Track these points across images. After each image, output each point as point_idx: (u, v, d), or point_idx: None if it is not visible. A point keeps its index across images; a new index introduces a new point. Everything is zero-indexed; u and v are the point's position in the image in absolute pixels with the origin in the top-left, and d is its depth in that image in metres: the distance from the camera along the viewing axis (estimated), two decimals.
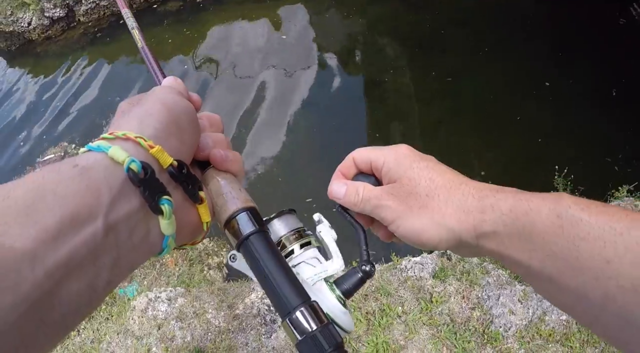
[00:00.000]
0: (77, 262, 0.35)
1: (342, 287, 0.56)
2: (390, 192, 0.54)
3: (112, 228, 0.38)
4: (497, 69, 5.53)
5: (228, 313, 3.02)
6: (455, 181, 0.52)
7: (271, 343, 2.81)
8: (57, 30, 8.02)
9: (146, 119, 0.46)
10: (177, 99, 0.51)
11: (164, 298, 3.16)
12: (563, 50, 5.45)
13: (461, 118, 5.17)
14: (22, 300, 0.32)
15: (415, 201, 0.52)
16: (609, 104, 4.86)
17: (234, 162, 0.54)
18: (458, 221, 0.50)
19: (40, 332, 0.34)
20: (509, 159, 4.65)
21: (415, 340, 2.69)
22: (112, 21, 8.04)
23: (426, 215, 0.51)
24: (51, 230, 0.34)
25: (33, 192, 0.35)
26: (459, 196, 0.51)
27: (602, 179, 3.85)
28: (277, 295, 0.46)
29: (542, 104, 5.01)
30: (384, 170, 0.56)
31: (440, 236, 0.51)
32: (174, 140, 0.46)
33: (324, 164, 5.00)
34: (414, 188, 0.53)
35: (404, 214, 0.53)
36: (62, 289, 0.35)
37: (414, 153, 0.57)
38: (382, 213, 0.55)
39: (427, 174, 0.53)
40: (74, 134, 6.03)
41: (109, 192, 0.39)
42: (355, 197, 0.57)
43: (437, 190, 0.52)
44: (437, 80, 5.63)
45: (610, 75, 5.04)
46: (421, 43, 6.16)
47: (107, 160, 0.40)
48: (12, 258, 0.32)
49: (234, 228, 0.49)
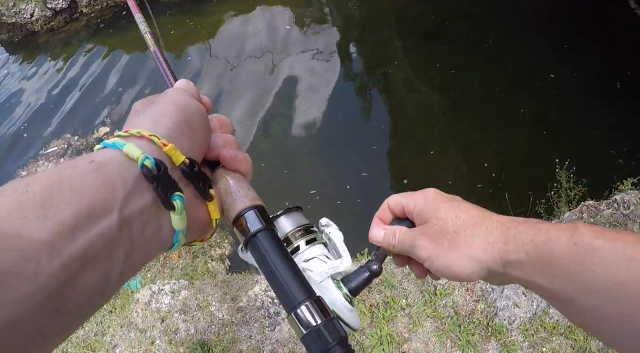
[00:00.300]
0: (92, 255, 0.37)
1: (349, 285, 0.59)
2: (422, 232, 0.60)
3: (126, 223, 0.40)
4: (501, 61, 5.50)
5: (231, 306, 3.02)
6: (480, 217, 0.58)
7: (275, 336, 2.81)
8: (60, 21, 7.99)
9: (160, 118, 0.48)
10: (190, 101, 0.52)
11: (168, 290, 3.16)
12: (567, 43, 5.41)
13: (464, 110, 5.15)
14: (39, 290, 0.33)
15: (445, 238, 0.58)
16: (613, 96, 4.83)
17: (242, 162, 0.55)
18: (484, 252, 0.55)
19: (55, 321, 0.35)
20: (512, 151, 4.63)
21: (419, 333, 2.69)
22: (115, 12, 8.00)
23: (456, 250, 0.56)
24: (68, 223, 0.36)
25: (50, 186, 0.37)
26: (483, 230, 0.56)
27: (606, 172, 3.83)
28: (283, 290, 0.47)
29: (546, 97, 4.98)
30: (415, 213, 0.62)
31: (471, 268, 0.56)
32: (185, 140, 0.48)
33: (327, 156, 5.00)
34: (443, 227, 0.58)
35: (436, 251, 0.58)
36: (77, 280, 0.36)
37: (441, 195, 0.63)
38: (417, 252, 0.60)
39: (454, 213, 0.59)
40: (77, 125, 6.02)
41: (123, 187, 0.40)
42: (392, 239, 0.63)
43: (463, 227, 0.57)
44: (441, 72, 5.60)
45: (615, 68, 5.00)
46: (425, 35, 6.13)
47: (122, 157, 0.42)
48: (31, 249, 0.33)
49: (242, 225, 0.50)
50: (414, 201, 0.63)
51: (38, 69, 7.45)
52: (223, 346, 2.81)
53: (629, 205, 2.88)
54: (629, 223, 2.82)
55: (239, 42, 6.81)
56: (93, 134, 5.76)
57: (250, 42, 6.73)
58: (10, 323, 0.32)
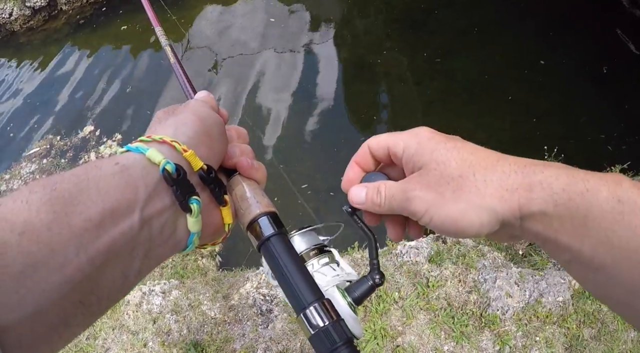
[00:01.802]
0: (115, 251, 0.39)
1: (352, 294, 0.59)
2: (416, 181, 0.49)
3: (146, 223, 0.42)
4: (489, 49, 5.48)
5: (223, 304, 3.00)
6: (492, 157, 0.48)
7: (268, 334, 2.79)
8: (39, 20, 7.84)
9: (181, 127, 0.50)
10: (210, 113, 0.55)
11: (158, 291, 3.13)
12: (553, 30, 5.41)
13: (452, 98, 5.13)
14: (66, 282, 0.36)
15: (447, 185, 0.47)
16: (600, 82, 4.83)
17: (258, 171, 0.58)
18: (500, 200, 0.44)
19: (79, 312, 0.38)
20: (500, 138, 4.62)
21: (413, 326, 2.68)
22: (95, 8, 7.87)
23: (462, 198, 0.46)
24: (95, 220, 0.38)
25: (78, 185, 0.39)
26: (499, 174, 0.45)
27: (595, 158, 3.84)
28: (293, 291, 0.50)
29: (533, 83, 4.97)
30: (405, 157, 0.51)
31: (481, 220, 0.45)
32: (204, 148, 0.50)
33: (317, 150, 4.97)
34: (444, 172, 0.47)
35: (436, 202, 0.47)
36: (100, 274, 0.39)
37: (438, 134, 0.51)
38: (411, 206, 0.49)
39: (457, 154, 0.48)
40: (59, 125, 5.92)
41: (145, 189, 0.43)
42: (378, 198, 0.52)
43: (471, 169, 0.46)
44: (428, 61, 5.58)
45: (601, 53, 5.01)
46: (412, 24, 6.09)
47: (145, 161, 0.45)
48: (60, 243, 0.36)
49: (256, 230, 0.53)
50: (404, 142, 0.52)
51: (19, 69, 7.31)
52: (216, 346, 2.79)
53: None
54: None
55: (221, 35, 6.72)
56: (77, 133, 5.67)
57: (233, 35, 6.65)
58: (37, 312, 0.34)
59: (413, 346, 2.60)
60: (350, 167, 0.57)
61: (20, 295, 0.34)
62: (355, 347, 0.46)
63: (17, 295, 0.33)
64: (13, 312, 0.33)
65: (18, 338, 0.34)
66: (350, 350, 0.45)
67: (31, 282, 0.34)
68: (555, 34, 5.37)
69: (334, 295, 0.58)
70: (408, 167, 0.51)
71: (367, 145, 0.56)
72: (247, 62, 6.15)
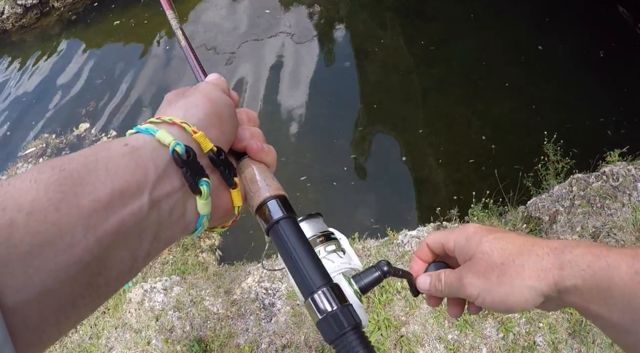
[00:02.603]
0: (123, 232, 0.39)
1: (359, 283, 0.59)
2: (468, 270, 0.58)
3: (155, 204, 0.42)
4: (485, 35, 5.46)
5: (226, 300, 2.99)
6: (527, 244, 0.55)
7: (271, 328, 2.79)
8: (32, 18, 7.77)
9: (191, 109, 0.50)
10: (221, 95, 0.55)
11: (160, 288, 3.12)
12: (549, 15, 5.37)
13: (450, 86, 5.11)
14: (74, 262, 0.35)
15: (493, 272, 0.56)
16: (596, 66, 4.81)
17: (268, 153, 0.57)
18: (537, 280, 0.52)
19: (86, 294, 0.37)
20: (498, 125, 4.61)
21: (417, 315, 2.68)
22: (86, 4, 7.80)
23: (506, 282, 0.54)
24: (103, 200, 0.38)
25: (87, 166, 0.39)
26: (533, 257, 0.54)
27: (594, 143, 3.82)
28: (301, 275, 0.49)
29: (531, 69, 4.95)
30: (457, 250, 0.61)
31: (524, 297, 0.53)
32: (214, 130, 0.50)
33: (315, 142, 4.95)
34: (489, 260, 0.56)
35: (486, 287, 0.56)
36: (109, 256, 0.38)
37: (482, 228, 0.60)
38: (466, 291, 0.58)
39: (498, 245, 0.57)
40: (55, 124, 5.88)
41: (154, 170, 0.42)
42: (439, 285, 0.62)
43: (511, 257, 0.55)
44: (425, 49, 5.55)
45: (597, 37, 4.98)
46: (408, 12, 6.05)
47: (155, 142, 0.44)
48: (68, 223, 0.35)
49: (265, 213, 0.52)
50: (454, 238, 0.61)
51: (12, 68, 7.26)
52: (220, 341, 2.79)
53: (617, 177, 2.87)
54: (619, 195, 2.82)
55: (216, 27, 6.67)
56: (72, 131, 5.64)
57: (228, 26, 6.60)
58: (44, 292, 0.34)
59: (417, 335, 2.60)
60: (413, 261, 0.68)
61: (28, 275, 0.33)
62: (363, 333, 0.46)
63: (24, 275, 0.33)
64: (20, 292, 0.33)
65: (24, 319, 0.34)
66: (358, 335, 0.45)
67: (38, 262, 0.34)
68: (551, 19, 5.34)
69: (340, 282, 0.58)
70: (460, 258, 0.61)
71: (425, 243, 0.66)
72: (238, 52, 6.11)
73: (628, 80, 4.50)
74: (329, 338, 0.46)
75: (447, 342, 2.56)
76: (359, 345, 0.45)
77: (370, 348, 0.45)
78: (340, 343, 0.45)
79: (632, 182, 2.85)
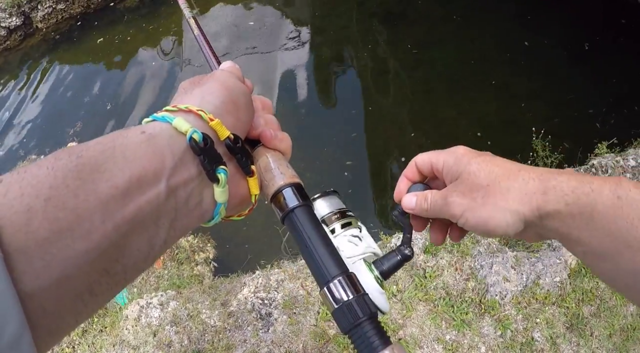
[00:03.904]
0: (141, 219, 0.39)
1: (380, 267, 0.59)
2: (454, 189, 0.58)
3: (172, 192, 0.42)
4: (469, 35, 5.49)
5: (222, 312, 2.98)
6: (514, 169, 0.56)
7: (269, 337, 2.77)
8: (16, 39, 7.74)
9: (207, 96, 0.50)
10: (236, 82, 0.54)
11: (156, 303, 3.10)
12: (532, 12, 5.42)
13: (436, 87, 5.14)
14: (92, 249, 0.35)
15: (478, 192, 0.56)
16: (582, 59, 4.85)
17: (282, 141, 0.57)
18: (521, 203, 0.53)
19: (103, 281, 0.37)
20: (487, 123, 4.63)
21: (414, 317, 2.68)
22: (71, 24, 7.79)
23: (490, 203, 0.54)
24: (121, 188, 0.38)
25: (104, 153, 0.39)
26: (519, 181, 0.54)
27: (584, 136, 3.86)
28: (317, 264, 0.49)
29: (516, 66, 4.99)
30: (445, 170, 0.61)
31: (506, 220, 0.53)
32: (230, 118, 0.50)
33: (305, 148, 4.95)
34: (476, 181, 0.56)
35: (469, 206, 0.56)
36: (126, 243, 0.38)
37: (471, 151, 0.61)
38: (450, 210, 0.58)
39: (486, 167, 0.57)
40: (43, 144, 5.86)
41: (172, 158, 0.42)
42: (425, 203, 0.61)
43: (497, 179, 0.55)
44: (408, 52, 5.57)
45: (580, 31, 5.03)
46: (389, 16, 6.08)
47: (172, 130, 0.44)
48: (86, 210, 0.35)
49: (280, 202, 0.52)
50: (443, 158, 0.61)
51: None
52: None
53: (606, 169, 2.90)
54: None
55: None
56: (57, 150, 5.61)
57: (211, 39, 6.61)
58: (62, 279, 0.34)
59: (415, 338, 2.59)
60: (400, 180, 0.66)
61: (46, 261, 0.33)
62: (379, 323, 0.45)
63: (42, 261, 0.33)
64: (38, 279, 0.33)
65: (43, 305, 0.34)
66: (373, 325, 0.45)
67: (56, 249, 0.34)
68: (534, 16, 5.39)
69: (360, 269, 0.58)
70: (447, 178, 0.61)
71: (414, 161, 0.65)
72: None
73: (615, 70, 4.54)
74: (344, 328, 0.46)
75: (446, 343, 2.56)
76: (375, 335, 0.44)
77: (385, 338, 0.44)
78: (355, 333, 0.45)
79: (621, 173, 2.88)
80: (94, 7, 7.77)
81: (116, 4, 7.76)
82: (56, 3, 7.61)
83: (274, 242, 3.88)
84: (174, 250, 3.90)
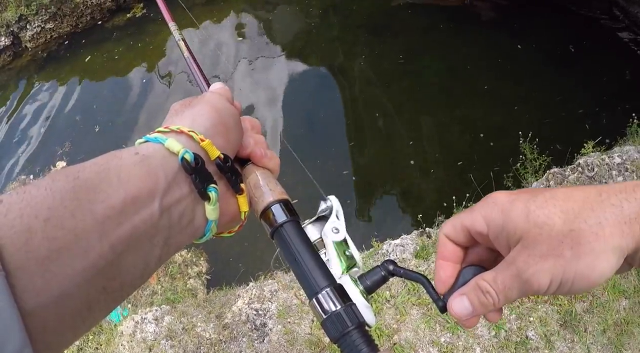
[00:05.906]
0: (136, 238, 0.40)
1: (365, 283, 0.58)
2: (525, 257, 0.43)
3: (166, 211, 0.43)
4: (454, 43, 5.55)
5: (217, 324, 2.97)
6: (591, 194, 0.43)
7: (264, 348, 2.77)
8: (5, 59, 7.76)
9: (198, 118, 0.51)
10: (225, 104, 0.56)
11: (151, 318, 3.09)
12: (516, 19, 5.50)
13: (423, 96, 5.19)
14: (89, 267, 0.36)
15: (562, 245, 0.41)
16: (568, 61, 4.92)
17: (271, 159, 0.58)
18: (622, 235, 0.40)
19: (101, 298, 0.39)
20: (477, 129, 4.67)
21: (407, 322, 2.68)
22: (59, 43, 7.81)
23: (585, 251, 0.41)
24: (116, 208, 0.39)
25: (99, 174, 0.40)
26: (610, 208, 0.41)
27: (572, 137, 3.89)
28: (305, 277, 0.50)
29: (503, 72, 5.05)
30: (492, 232, 0.46)
31: (610, 264, 0.41)
32: (220, 139, 0.51)
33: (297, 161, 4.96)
34: (552, 233, 0.42)
35: (559, 267, 0.42)
36: (122, 261, 0.39)
37: (515, 194, 0.46)
38: (534, 285, 0.43)
39: (555, 208, 0.43)
40: (33, 164, 5.85)
41: (165, 178, 0.44)
42: (487, 298, 0.46)
43: (580, 217, 0.42)
44: (395, 63, 5.63)
45: (565, 34, 5.11)
46: (374, 28, 6.14)
47: (164, 150, 0.45)
48: (84, 229, 0.37)
49: (269, 217, 0.54)
50: (483, 217, 0.46)
51: None
52: None
53: (592, 167, 2.93)
54: (595, 184, 2.87)
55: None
56: (50, 170, 5.60)
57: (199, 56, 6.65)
58: (62, 296, 0.35)
59: (410, 342, 2.60)
60: (439, 267, 0.51)
61: (46, 279, 0.34)
62: (367, 331, 0.46)
63: (42, 279, 0.34)
64: (39, 296, 0.34)
65: (43, 322, 0.34)
66: (361, 333, 0.46)
67: (56, 267, 0.35)
68: (519, 22, 5.47)
69: (346, 283, 0.58)
70: (500, 242, 0.46)
71: (443, 235, 0.51)
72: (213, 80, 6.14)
73: (602, 70, 4.61)
74: (334, 337, 0.46)
75: (441, 345, 2.57)
76: (363, 343, 0.45)
77: (373, 346, 0.45)
78: (344, 342, 0.46)
79: (607, 170, 2.92)
80: (82, 26, 7.81)
81: (104, 23, 7.81)
82: (45, 22, 7.65)
83: (265, 257, 3.88)
84: (168, 265, 3.90)
